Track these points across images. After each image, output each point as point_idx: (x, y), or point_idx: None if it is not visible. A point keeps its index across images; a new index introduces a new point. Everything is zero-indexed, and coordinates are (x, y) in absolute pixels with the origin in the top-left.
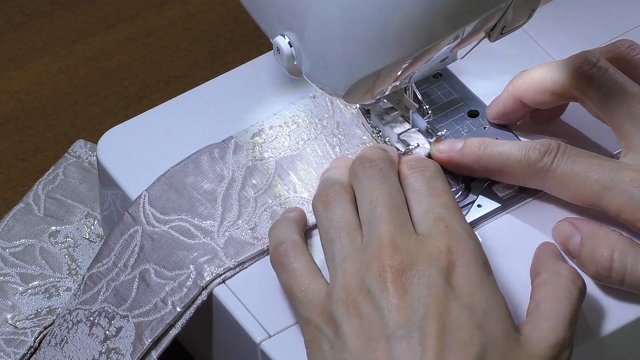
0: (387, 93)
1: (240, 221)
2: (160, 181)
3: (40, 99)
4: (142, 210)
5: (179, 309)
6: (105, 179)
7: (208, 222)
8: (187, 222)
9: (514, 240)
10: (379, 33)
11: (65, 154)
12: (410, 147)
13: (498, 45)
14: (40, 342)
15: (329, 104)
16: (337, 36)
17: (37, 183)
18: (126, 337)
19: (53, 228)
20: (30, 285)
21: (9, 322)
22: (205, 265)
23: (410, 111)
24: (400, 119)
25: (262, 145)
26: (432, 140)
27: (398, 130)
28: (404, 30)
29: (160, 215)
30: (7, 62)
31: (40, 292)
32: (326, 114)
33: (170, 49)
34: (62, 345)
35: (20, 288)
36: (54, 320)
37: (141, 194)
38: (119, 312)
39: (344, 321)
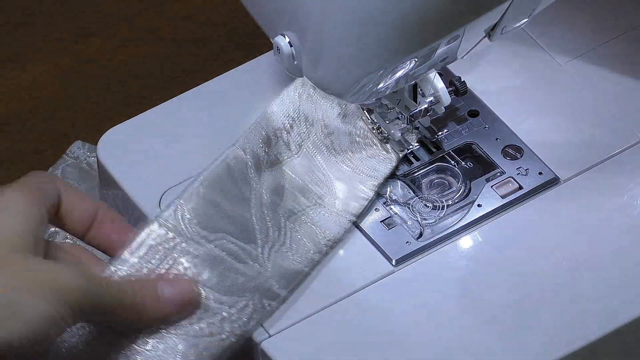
0: (387, 93)
1: (277, 245)
2: (194, 193)
3: (40, 99)
4: (181, 221)
5: (233, 339)
6: (105, 179)
7: (251, 245)
8: (231, 242)
9: (514, 240)
10: (379, 33)
11: (64, 155)
12: (410, 147)
13: (498, 45)
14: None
15: (315, 97)
16: (337, 36)
17: None
18: (171, 354)
19: (52, 229)
20: None
21: None
22: (264, 300)
23: (411, 110)
24: (401, 117)
25: (276, 155)
26: (433, 139)
27: (399, 128)
28: (404, 30)
29: (202, 231)
30: (7, 62)
31: None
32: (314, 112)
33: (170, 48)
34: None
35: None
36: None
37: (176, 204)
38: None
39: None
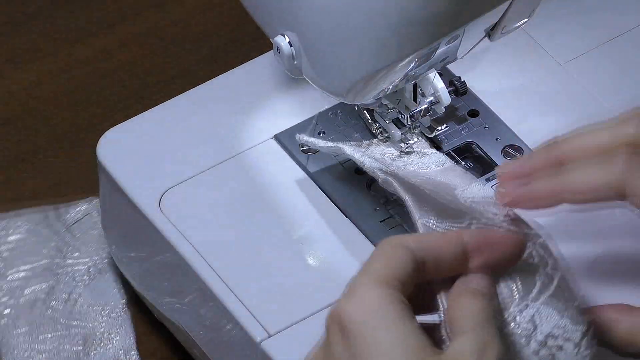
0: (387, 93)
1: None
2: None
3: (40, 99)
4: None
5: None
6: (105, 179)
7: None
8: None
9: None
10: (378, 33)
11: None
12: (410, 142)
13: (498, 45)
14: None
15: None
16: (337, 36)
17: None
18: None
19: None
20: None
21: None
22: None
23: (411, 110)
24: (401, 117)
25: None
26: (431, 136)
27: (400, 127)
28: (404, 30)
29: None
30: (7, 62)
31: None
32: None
33: (170, 49)
34: None
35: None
36: None
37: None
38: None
39: None
